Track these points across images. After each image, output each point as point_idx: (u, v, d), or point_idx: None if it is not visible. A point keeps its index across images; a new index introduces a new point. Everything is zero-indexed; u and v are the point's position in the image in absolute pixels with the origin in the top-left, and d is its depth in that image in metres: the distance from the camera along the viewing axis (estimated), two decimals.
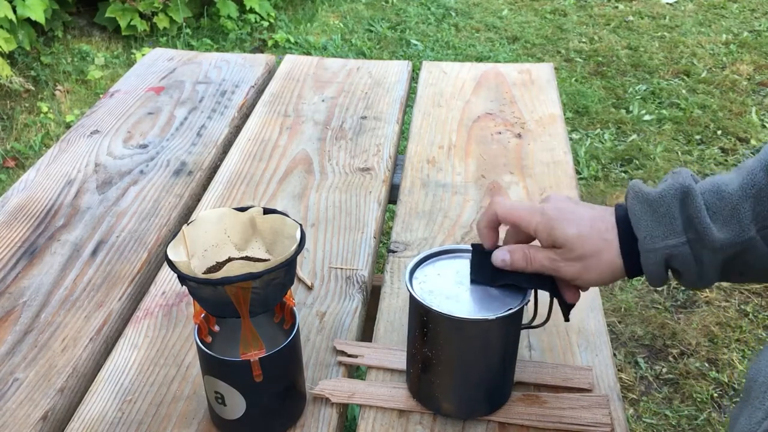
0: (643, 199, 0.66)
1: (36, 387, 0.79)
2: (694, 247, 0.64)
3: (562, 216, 0.67)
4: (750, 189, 0.63)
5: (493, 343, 0.70)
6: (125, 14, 3.50)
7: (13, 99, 3.08)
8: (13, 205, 1.08)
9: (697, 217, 0.63)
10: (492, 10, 4.07)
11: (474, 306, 0.69)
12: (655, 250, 0.64)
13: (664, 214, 0.64)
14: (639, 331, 1.95)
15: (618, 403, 0.76)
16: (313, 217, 1.05)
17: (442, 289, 0.71)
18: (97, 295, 0.91)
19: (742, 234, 0.63)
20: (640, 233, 0.65)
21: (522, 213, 0.69)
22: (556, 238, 0.67)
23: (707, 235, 0.63)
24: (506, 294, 0.70)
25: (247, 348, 0.68)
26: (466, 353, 0.70)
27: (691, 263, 0.65)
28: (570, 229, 0.66)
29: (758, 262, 0.64)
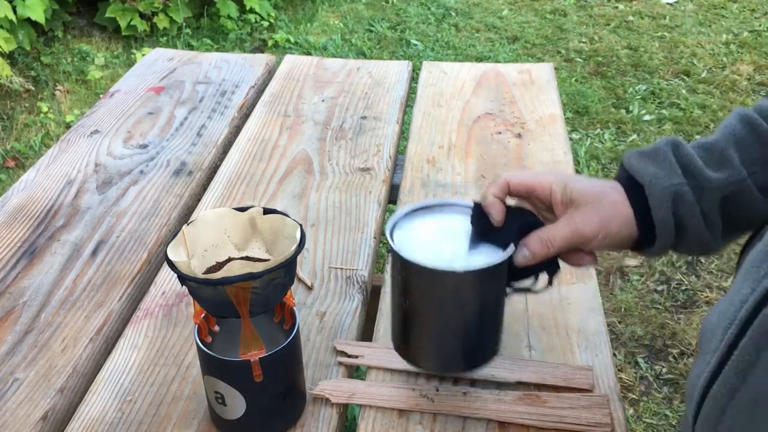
0: (640, 154, 0.68)
1: (36, 387, 0.79)
2: (694, 189, 0.65)
3: (571, 175, 0.69)
4: (731, 137, 0.66)
5: (467, 298, 0.68)
6: (125, 14, 3.50)
7: (13, 99, 3.08)
8: (13, 205, 1.08)
9: (691, 163, 0.65)
10: (492, 10, 4.07)
11: (453, 259, 0.67)
12: (663, 190, 0.65)
13: (663, 159, 0.66)
14: (639, 331, 1.95)
15: (618, 403, 0.76)
16: (313, 217, 1.05)
17: (426, 240, 0.69)
18: (97, 295, 0.91)
19: (736, 174, 0.65)
20: (645, 178, 0.66)
21: (535, 176, 0.70)
22: (572, 190, 0.67)
23: (704, 176, 0.65)
24: (495, 250, 0.68)
25: (247, 348, 0.68)
26: (439, 305, 0.68)
27: (695, 206, 0.65)
28: (583, 181, 0.68)
29: (753, 207, 0.66)
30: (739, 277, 0.51)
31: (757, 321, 0.45)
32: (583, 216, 0.66)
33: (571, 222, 0.67)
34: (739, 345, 0.46)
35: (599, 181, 0.69)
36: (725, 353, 0.48)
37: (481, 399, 0.76)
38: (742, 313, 0.47)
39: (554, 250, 0.67)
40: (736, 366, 0.47)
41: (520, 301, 0.90)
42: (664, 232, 0.66)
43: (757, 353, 0.45)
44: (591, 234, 0.66)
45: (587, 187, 0.67)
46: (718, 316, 0.51)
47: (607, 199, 0.67)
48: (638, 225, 0.67)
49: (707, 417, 0.49)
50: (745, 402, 0.46)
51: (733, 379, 0.47)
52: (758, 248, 0.50)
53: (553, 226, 0.67)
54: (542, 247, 0.67)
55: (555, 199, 0.68)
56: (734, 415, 0.47)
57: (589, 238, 0.67)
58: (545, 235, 0.67)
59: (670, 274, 2.13)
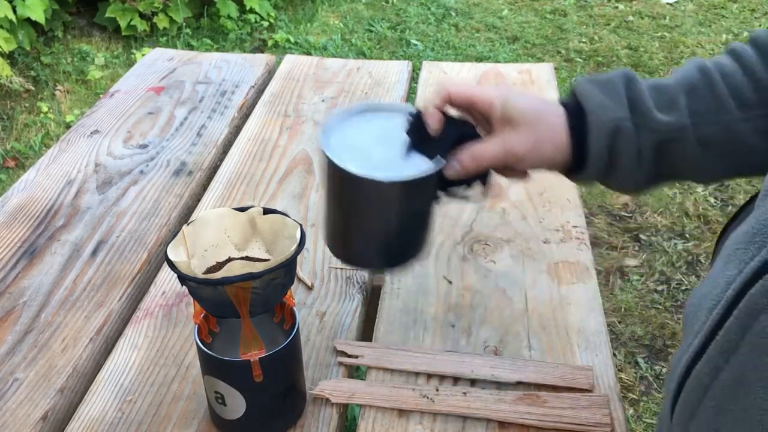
0: (593, 80, 0.68)
1: (36, 387, 0.79)
2: (636, 126, 0.66)
3: (515, 91, 0.69)
4: (685, 84, 0.66)
5: (391, 206, 0.67)
6: (125, 14, 3.50)
7: (13, 99, 3.08)
8: (13, 205, 1.08)
9: (640, 99, 0.66)
10: (492, 10, 4.07)
11: (383, 167, 0.66)
12: (604, 121, 0.65)
13: (613, 91, 0.66)
14: (639, 331, 1.95)
15: (618, 403, 0.76)
16: (313, 217, 1.05)
17: (360, 144, 0.68)
18: (97, 295, 0.91)
19: (680, 120, 0.65)
20: (591, 105, 0.66)
21: (477, 89, 0.69)
22: (512, 108, 0.66)
23: (649, 115, 0.65)
24: (427, 160, 0.67)
25: (247, 348, 0.68)
26: (362, 210, 0.68)
27: (632, 143, 0.66)
28: (524, 100, 0.67)
29: (687, 157, 0.67)
30: (722, 259, 0.51)
31: (743, 302, 0.45)
32: (517, 136, 0.66)
33: (504, 140, 0.67)
34: (725, 325, 0.47)
35: (542, 102, 0.68)
36: (709, 333, 0.48)
37: (481, 399, 0.76)
38: (729, 293, 0.47)
39: (484, 165, 0.67)
40: (721, 346, 0.47)
41: (520, 301, 0.90)
42: (596, 162, 0.67)
43: (743, 333, 0.45)
44: (522, 155, 0.67)
45: (527, 107, 0.67)
46: (699, 299, 0.52)
47: (544, 122, 0.67)
48: (572, 151, 0.67)
49: (689, 397, 0.50)
50: (728, 382, 0.46)
51: (717, 359, 0.47)
52: (742, 230, 0.50)
53: (487, 142, 0.68)
54: (472, 161, 0.67)
55: (494, 114, 0.68)
56: (717, 395, 0.47)
57: (519, 159, 0.67)
58: (477, 151, 0.67)
59: (670, 274, 2.13)
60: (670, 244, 2.24)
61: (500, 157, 0.67)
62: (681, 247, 2.23)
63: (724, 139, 0.67)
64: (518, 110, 0.67)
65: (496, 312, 0.89)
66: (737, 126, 0.66)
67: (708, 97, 0.66)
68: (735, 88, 0.66)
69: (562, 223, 1.04)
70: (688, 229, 2.30)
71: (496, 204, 1.08)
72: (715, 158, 0.68)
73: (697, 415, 0.49)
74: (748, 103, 0.66)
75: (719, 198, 2.45)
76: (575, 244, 1.00)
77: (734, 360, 0.46)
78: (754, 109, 0.66)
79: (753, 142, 0.67)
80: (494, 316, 0.88)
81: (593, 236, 2.26)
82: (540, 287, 0.93)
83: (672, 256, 2.19)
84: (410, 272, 0.95)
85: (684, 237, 2.27)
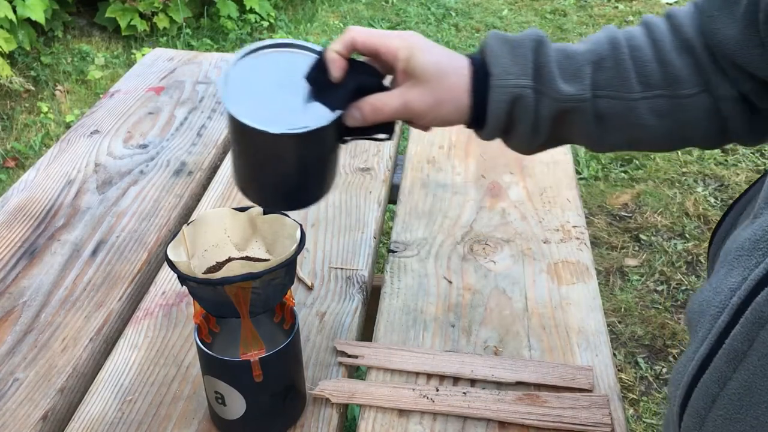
0: (504, 39, 0.67)
1: (36, 387, 0.79)
2: (537, 95, 0.66)
3: (422, 44, 0.67)
4: (593, 55, 0.66)
5: (286, 156, 0.66)
6: (125, 14, 3.50)
7: (13, 99, 3.08)
8: (13, 205, 1.08)
9: (546, 65, 0.65)
10: (492, 10, 4.07)
11: (281, 116, 0.64)
12: (506, 87, 0.65)
13: (521, 55, 0.66)
14: (639, 331, 1.95)
15: (618, 403, 0.76)
16: (313, 217, 1.05)
17: (260, 89, 0.66)
18: (97, 295, 0.91)
19: (582, 93, 0.66)
20: (496, 68, 0.66)
21: (382, 38, 0.66)
22: (415, 65, 0.65)
23: (553, 84, 0.65)
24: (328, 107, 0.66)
25: (247, 348, 0.68)
26: (258, 158, 0.67)
27: (531, 110, 0.66)
28: (429, 57, 0.66)
29: (582, 126, 0.68)
30: (724, 265, 0.51)
31: (749, 310, 0.45)
32: (417, 93, 0.66)
33: (404, 95, 0.66)
34: (731, 334, 0.46)
35: (447, 57, 0.67)
36: (715, 342, 0.48)
37: (481, 399, 0.76)
38: (734, 301, 0.47)
39: (384, 118, 0.67)
40: (727, 355, 0.46)
41: (520, 301, 0.90)
42: (494, 125, 0.67)
43: (750, 343, 0.45)
44: (421, 112, 0.66)
45: (429, 65, 0.65)
46: (701, 305, 0.51)
47: (446, 81, 0.66)
48: (472, 112, 0.67)
49: (696, 406, 0.49)
50: (736, 391, 0.46)
51: (724, 369, 0.47)
52: (743, 236, 0.50)
53: (388, 94, 0.67)
54: (372, 113, 0.66)
55: (398, 66, 0.66)
56: (726, 404, 0.47)
57: (418, 116, 0.67)
58: (378, 103, 0.66)
59: (670, 274, 2.13)
60: (670, 244, 2.24)
61: (399, 111, 0.66)
62: (681, 247, 2.23)
63: (620, 115, 0.67)
64: (420, 67, 0.65)
65: (496, 312, 0.89)
66: (636, 104, 0.67)
67: (613, 71, 0.66)
68: (641, 65, 0.66)
69: (562, 223, 1.04)
70: (688, 229, 2.30)
71: (496, 204, 1.08)
72: (609, 130, 0.68)
73: (706, 423, 0.48)
74: (651, 81, 0.66)
75: (719, 198, 2.45)
76: (575, 244, 1.00)
77: (742, 369, 0.46)
78: (655, 89, 0.67)
79: (648, 122, 0.67)
80: (494, 316, 0.88)
81: (593, 236, 2.26)
82: (540, 287, 0.93)
83: (672, 256, 2.19)
84: (410, 272, 0.95)
85: (684, 237, 2.27)
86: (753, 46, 0.61)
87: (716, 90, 0.66)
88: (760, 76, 0.63)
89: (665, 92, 0.67)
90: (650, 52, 0.67)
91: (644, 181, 2.54)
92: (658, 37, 0.67)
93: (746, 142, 0.69)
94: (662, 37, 0.67)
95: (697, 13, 0.67)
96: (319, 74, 0.67)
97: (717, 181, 2.53)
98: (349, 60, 0.67)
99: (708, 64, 0.66)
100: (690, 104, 0.67)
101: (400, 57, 0.65)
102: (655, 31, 0.67)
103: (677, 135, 0.69)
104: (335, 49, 0.65)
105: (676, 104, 0.67)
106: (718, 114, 0.67)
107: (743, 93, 0.65)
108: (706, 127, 0.68)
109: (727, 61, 0.64)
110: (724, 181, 2.53)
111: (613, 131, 0.69)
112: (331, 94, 0.66)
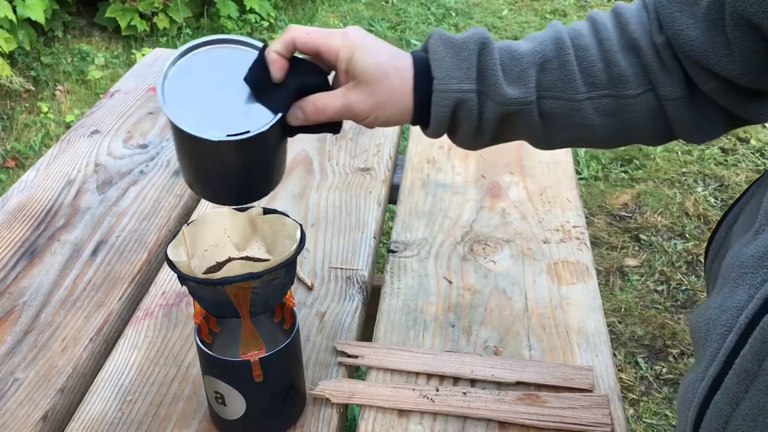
0: (447, 41, 0.66)
1: (36, 387, 0.79)
2: (481, 97, 0.66)
3: (364, 43, 0.65)
4: (538, 57, 0.66)
5: (229, 160, 0.65)
6: (125, 14, 3.50)
7: (13, 99, 3.08)
8: (13, 205, 1.08)
9: (492, 68, 0.65)
10: (492, 10, 4.07)
11: (222, 119, 0.63)
12: (448, 92, 0.65)
13: (465, 59, 0.65)
14: (639, 331, 1.95)
15: (618, 403, 0.76)
16: (313, 217, 1.05)
17: (200, 90, 0.64)
18: (97, 295, 0.91)
19: (526, 96, 0.66)
20: (438, 72, 0.65)
21: (323, 38, 0.65)
22: (356, 67, 0.64)
23: (497, 88, 0.65)
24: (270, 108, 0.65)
25: (247, 348, 0.68)
26: (201, 162, 0.66)
27: (474, 113, 0.66)
28: (370, 58, 0.64)
29: (526, 127, 0.68)
30: (728, 281, 0.50)
31: (757, 330, 0.45)
32: (359, 95, 0.65)
33: (346, 96, 0.65)
34: (740, 354, 0.46)
35: (390, 58, 0.65)
36: (725, 362, 0.47)
37: (481, 399, 0.76)
38: (742, 320, 0.46)
39: (326, 118, 0.66)
40: (738, 375, 0.46)
41: (520, 301, 0.90)
42: (437, 127, 0.67)
43: (759, 362, 0.45)
44: (362, 113, 0.66)
45: (371, 67, 0.64)
46: (707, 323, 0.51)
47: (387, 84, 0.65)
48: (415, 112, 0.67)
49: (710, 428, 0.49)
50: (749, 412, 0.45)
51: (736, 389, 0.46)
52: (748, 253, 0.49)
53: (330, 94, 0.66)
54: (314, 113, 0.66)
55: (339, 67, 0.66)
56: (739, 425, 0.46)
57: (360, 117, 0.67)
58: (320, 103, 0.65)
59: (670, 274, 2.13)
60: (670, 244, 2.24)
61: (342, 112, 0.66)
62: (681, 247, 2.23)
63: (566, 115, 0.67)
64: (362, 68, 0.64)
65: (496, 312, 0.89)
66: (581, 104, 0.67)
67: (558, 72, 0.66)
68: (586, 65, 0.66)
69: (562, 223, 1.04)
70: (688, 229, 2.30)
71: (495, 204, 1.08)
72: (554, 130, 0.69)
73: None
74: (597, 82, 0.66)
75: (719, 198, 2.45)
76: (575, 244, 1.00)
77: (753, 390, 0.45)
78: (600, 89, 0.66)
79: (594, 121, 0.68)
80: (494, 316, 0.88)
81: (593, 236, 2.26)
82: (540, 287, 0.93)
83: (672, 256, 2.19)
84: (410, 272, 0.95)
85: (684, 237, 2.27)
86: (719, 48, 0.61)
87: (662, 90, 0.66)
88: (726, 77, 0.62)
89: (611, 92, 0.67)
90: (596, 52, 0.66)
91: (644, 181, 2.54)
92: (604, 36, 0.67)
93: (692, 140, 0.70)
94: (608, 37, 0.66)
95: (646, 11, 0.67)
96: (260, 74, 0.65)
97: (717, 181, 2.53)
98: (291, 58, 0.65)
99: (654, 63, 0.65)
100: (635, 104, 0.67)
101: (341, 57, 0.64)
102: (601, 30, 0.67)
103: (623, 134, 0.70)
104: (275, 49, 0.64)
105: (622, 104, 0.67)
106: (663, 113, 0.67)
107: (704, 92, 0.65)
108: (651, 126, 0.69)
109: (690, 62, 0.64)
110: (724, 181, 2.53)
111: (559, 130, 0.69)
112: (272, 94, 0.65)
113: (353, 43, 0.64)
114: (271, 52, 0.64)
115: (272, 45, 0.65)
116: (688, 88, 0.66)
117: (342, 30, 0.65)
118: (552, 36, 0.67)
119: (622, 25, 0.66)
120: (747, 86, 0.62)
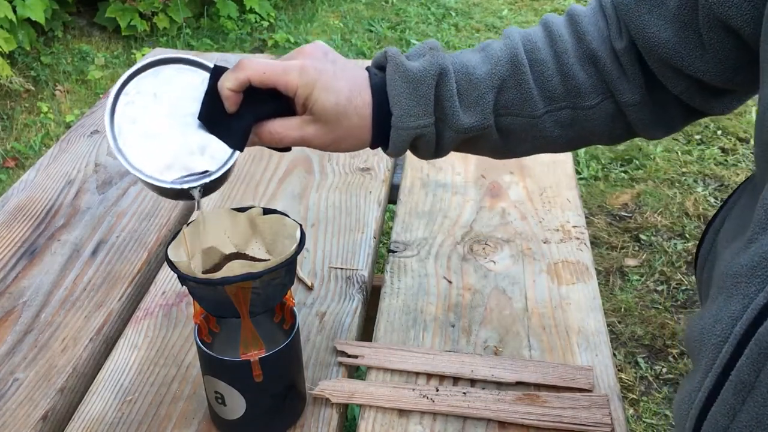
0: (405, 75, 0.65)
1: (36, 387, 0.79)
2: (438, 126, 0.67)
3: (323, 80, 0.64)
4: (495, 80, 0.66)
5: (183, 197, 0.65)
6: (125, 14, 3.50)
7: (13, 99, 3.08)
8: (13, 205, 1.08)
9: (449, 99, 0.66)
10: (492, 10, 4.07)
11: (173, 157, 0.61)
12: (407, 129, 0.66)
13: (423, 95, 0.65)
14: (639, 331, 1.95)
15: (618, 403, 0.76)
16: (313, 217, 1.05)
17: (149, 119, 0.62)
18: (97, 295, 0.91)
19: (484, 121, 0.67)
20: (397, 110, 0.65)
21: (280, 76, 0.63)
22: (314, 106, 0.64)
23: (454, 118, 0.66)
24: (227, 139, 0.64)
25: (247, 348, 0.68)
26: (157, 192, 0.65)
27: (432, 142, 0.68)
28: (329, 98, 0.64)
29: (486, 144, 0.70)
30: (722, 291, 0.50)
31: (753, 341, 0.44)
32: (316, 131, 0.65)
33: (303, 129, 0.65)
34: (736, 366, 0.45)
35: (348, 95, 0.65)
36: (721, 374, 0.47)
37: (481, 399, 0.76)
38: (737, 330, 0.46)
39: (283, 146, 0.67)
40: (735, 387, 0.46)
41: (520, 301, 0.90)
42: (396, 152, 0.69)
43: (756, 374, 0.44)
44: (319, 146, 0.67)
45: (330, 106, 0.64)
46: (701, 333, 0.50)
47: (346, 123, 0.65)
48: (373, 141, 0.68)
49: None
50: (746, 424, 0.45)
51: (733, 401, 0.46)
52: (741, 262, 0.48)
53: (288, 124, 0.65)
54: (270, 141, 0.66)
55: (298, 101, 0.65)
56: None
57: (317, 148, 0.68)
58: (276, 134, 0.65)
59: (670, 274, 2.13)
60: (670, 244, 2.24)
61: (299, 142, 0.66)
62: (681, 247, 2.23)
63: (524, 129, 0.68)
64: (320, 109, 0.64)
65: (496, 312, 0.89)
66: (540, 119, 0.68)
67: (515, 91, 0.67)
68: (543, 81, 0.67)
69: (562, 223, 1.04)
70: (688, 229, 2.30)
71: (495, 204, 1.08)
72: (514, 142, 0.70)
73: None
74: (555, 95, 0.67)
75: (719, 198, 2.45)
76: (575, 244, 1.00)
77: (750, 401, 0.45)
78: (558, 101, 0.67)
79: (553, 133, 0.69)
80: (494, 316, 0.88)
81: (593, 236, 2.26)
82: (540, 287, 0.93)
83: (672, 256, 2.19)
84: (410, 272, 0.95)
85: (684, 237, 2.27)
86: (691, 49, 0.60)
87: (621, 97, 0.66)
88: (698, 77, 0.62)
89: (569, 104, 0.67)
90: (553, 65, 0.67)
91: (644, 181, 2.54)
92: (560, 48, 0.67)
93: (653, 137, 0.71)
94: (565, 49, 0.67)
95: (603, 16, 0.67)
96: (213, 107, 0.63)
97: (717, 181, 2.53)
98: (247, 89, 0.63)
99: (614, 71, 0.66)
100: (594, 113, 0.68)
101: (299, 94, 0.64)
102: (557, 42, 0.67)
103: (584, 139, 0.71)
104: (228, 87, 0.63)
105: (581, 114, 0.68)
106: (623, 118, 0.68)
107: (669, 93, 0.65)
108: (610, 130, 0.70)
109: (660, 65, 0.63)
110: (724, 181, 2.53)
111: (518, 143, 0.71)
112: (227, 127, 0.64)
113: (311, 80, 0.63)
114: (224, 88, 0.63)
115: (225, 81, 0.63)
116: (648, 91, 0.66)
117: (299, 64, 0.63)
118: (508, 55, 0.67)
119: (579, 35, 0.67)
120: (717, 86, 0.63)
